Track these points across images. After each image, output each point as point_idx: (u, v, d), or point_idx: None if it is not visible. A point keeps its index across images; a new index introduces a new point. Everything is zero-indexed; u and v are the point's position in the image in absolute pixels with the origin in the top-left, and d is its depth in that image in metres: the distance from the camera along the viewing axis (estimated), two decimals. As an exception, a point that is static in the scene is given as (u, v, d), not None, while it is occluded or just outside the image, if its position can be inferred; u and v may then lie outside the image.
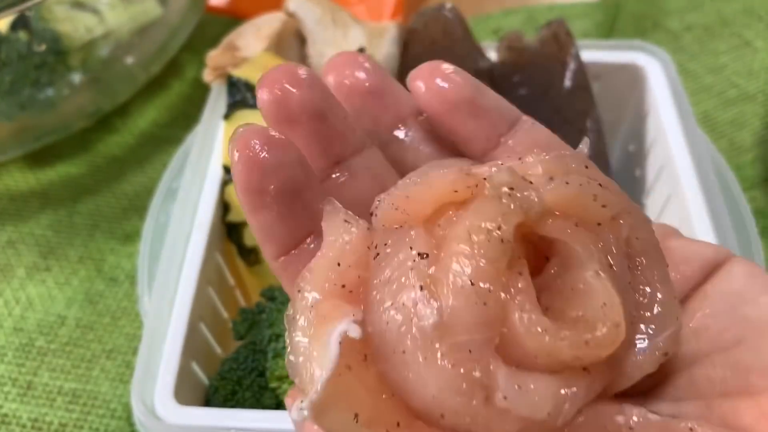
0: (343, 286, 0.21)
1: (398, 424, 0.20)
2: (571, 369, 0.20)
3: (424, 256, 0.20)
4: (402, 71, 0.50)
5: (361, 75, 0.25)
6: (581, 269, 0.20)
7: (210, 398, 0.37)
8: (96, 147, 0.62)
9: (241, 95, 0.44)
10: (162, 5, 0.62)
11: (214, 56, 0.48)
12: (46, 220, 0.57)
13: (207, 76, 0.48)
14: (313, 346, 0.20)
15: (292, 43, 0.51)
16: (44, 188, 0.59)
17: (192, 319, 0.37)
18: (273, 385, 0.35)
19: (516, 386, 0.19)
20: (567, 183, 0.21)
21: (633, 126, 0.51)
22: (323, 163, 0.24)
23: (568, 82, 0.47)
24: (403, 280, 0.20)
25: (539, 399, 0.19)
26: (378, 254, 0.21)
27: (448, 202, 0.21)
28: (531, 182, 0.21)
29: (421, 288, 0.20)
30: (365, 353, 0.20)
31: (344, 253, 0.21)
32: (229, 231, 0.44)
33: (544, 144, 0.25)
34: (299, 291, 0.21)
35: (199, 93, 0.61)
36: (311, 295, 0.21)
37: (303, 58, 0.51)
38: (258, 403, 0.36)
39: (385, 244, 0.21)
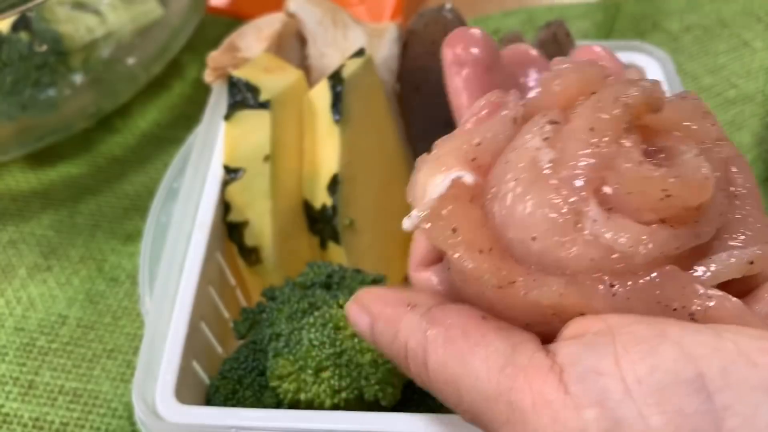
0: (474, 159, 0.25)
1: (490, 249, 0.23)
2: (661, 221, 0.22)
3: (554, 122, 0.24)
4: (402, 72, 0.50)
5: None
6: (683, 154, 0.23)
7: (211, 397, 0.37)
8: (97, 147, 0.62)
9: (241, 96, 0.44)
10: (163, 6, 0.62)
11: (214, 57, 0.48)
12: (48, 220, 0.57)
13: (208, 76, 0.48)
14: (432, 177, 0.25)
15: (293, 43, 0.51)
16: (45, 188, 0.59)
17: (193, 319, 0.38)
18: (273, 384, 0.35)
19: (605, 217, 0.22)
20: (684, 98, 0.25)
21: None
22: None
23: (567, 83, 0.48)
24: (531, 134, 0.24)
25: (624, 230, 0.22)
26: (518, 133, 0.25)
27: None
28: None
29: (545, 139, 0.24)
30: (472, 196, 0.24)
31: (487, 139, 0.25)
32: (230, 231, 0.44)
33: None
34: (434, 147, 0.26)
35: (200, 93, 0.61)
36: (441, 152, 0.26)
37: (303, 59, 0.51)
38: (259, 402, 0.37)
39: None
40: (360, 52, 0.46)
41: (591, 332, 0.21)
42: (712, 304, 0.21)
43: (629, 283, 0.22)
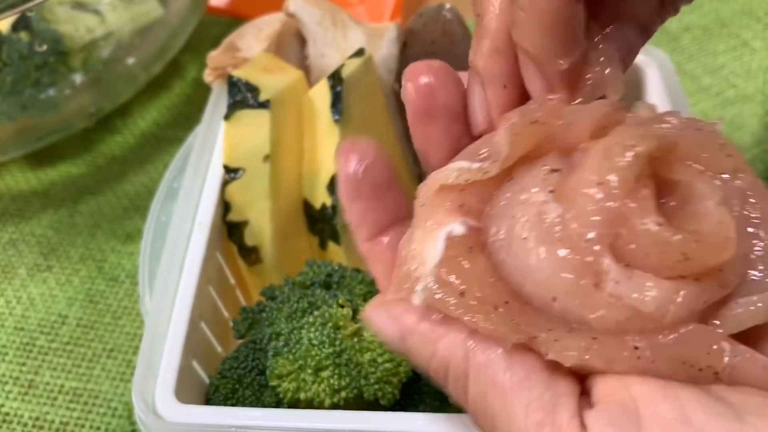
0: (462, 206, 0.24)
1: (506, 302, 0.22)
2: (682, 277, 0.21)
3: (557, 171, 0.23)
4: (401, 72, 0.50)
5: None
6: (703, 199, 0.22)
7: (211, 396, 0.38)
8: (97, 147, 0.62)
9: (241, 95, 0.44)
10: (163, 6, 0.62)
11: (214, 57, 0.48)
12: (47, 220, 0.57)
13: (207, 76, 0.49)
14: (423, 248, 0.23)
15: (293, 43, 0.51)
16: (45, 188, 0.59)
17: (193, 318, 0.38)
18: (273, 383, 0.35)
19: (626, 276, 0.21)
20: (698, 129, 0.23)
21: (631, 126, 0.51)
22: (448, 155, 0.26)
23: (566, 83, 0.48)
24: (534, 185, 0.23)
25: (649, 291, 0.21)
26: (512, 177, 0.24)
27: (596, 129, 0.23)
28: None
29: (550, 191, 0.22)
30: (470, 246, 0.23)
31: (471, 184, 0.24)
32: (229, 230, 0.44)
33: None
34: (421, 205, 0.24)
35: (200, 93, 0.61)
36: (423, 216, 0.24)
37: (303, 59, 0.51)
38: (258, 402, 0.37)
39: (521, 169, 0.24)
40: (359, 52, 0.46)
41: (618, 405, 0.21)
42: (738, 363, 0.21)
43: (654, 344, 0.21)
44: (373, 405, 0.35)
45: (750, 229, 0.22)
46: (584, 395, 0.22)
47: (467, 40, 0.50)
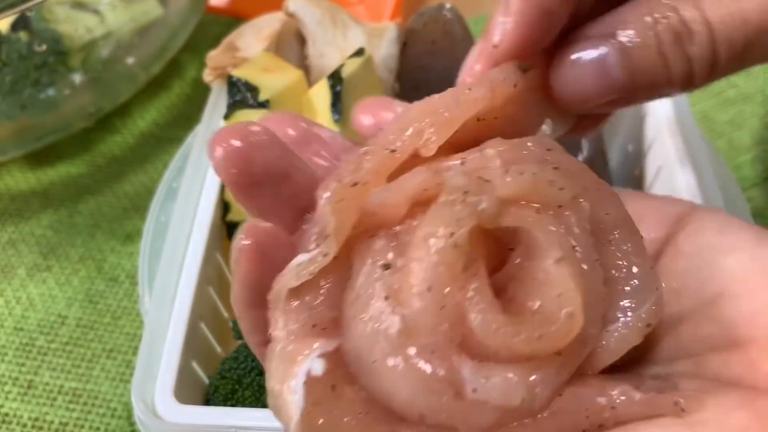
0: (314, 326, 0.22)
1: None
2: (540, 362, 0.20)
3: (387, 267, 0.21)
4: (401, 71, 0.50)
5: (288, 130, 0.25)
6: (542, 258, 0.21)
7: (210, 397, 0.37)
8: (97, 147, 0.62)
9: (241, 95, 0.44)
10: (162, 5, 0.62)
11: (214, 56, 0.48)
12: (47, 220, 0.57)
13: (207, 76, 0.49)
14: (284, 392, 0.21)
15: (292, 43, 0.51)
16: (45, 188, 0.59)
17: (192, 319, 0.38)
18: (273, 384, 0.35)
19: (483, 378, 0.20)
20: (521, 173, 0.22)
21: (632, 126, 0.51)
22: (291, 217, 0.23)
23: (567, 82, 0.48)
24: (369, 293, 0.21)
25: (510, 386, 0.20)
26: (351, 276, 0.22)
27: (417, 202, 0.22)
28: (487, 180, 0.21)
29: (386, 298, 0.21)
30: (333, 384, 0.21)
31: (315, 297, 0.22)
32: (229, 230, 0.44)
33: None
34: (272, 339, 0.22)
35: (200, 93, 0.61)
36: (280, 344, 0.22)
37: (303, 59, 0.51)
38: (258, 402, 0.37)
39: (355, 263, 0.22)
40: (359, 52, 0.46)
41: None
42: (617, 411, 0.20)
43: (534, 430, 0.20)
44: (373, 405, 0.35)
45: (609, 261, 0.22)
46: None
47: (467, 40, 0.50)
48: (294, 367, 0.21)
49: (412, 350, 0.20)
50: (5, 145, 0.57)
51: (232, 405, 0.37)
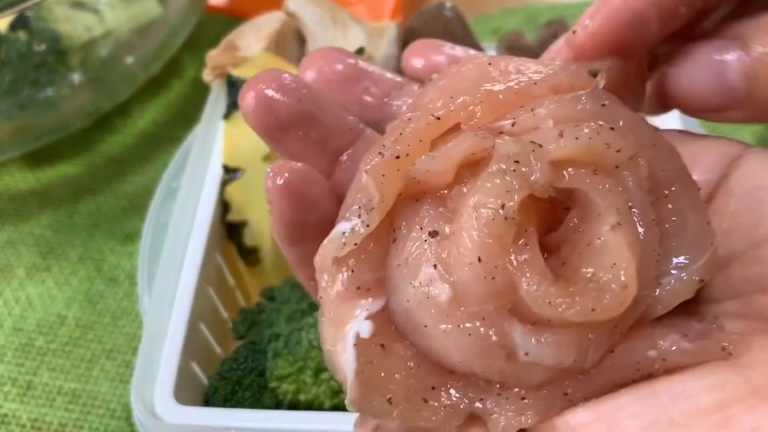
0: (359, 288, 0.22)
1: (433, 388, 0.21)
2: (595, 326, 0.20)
3: (434, 234, 0.21)
4: (402, 71, 0.50)
5: (337, 66, 0.25)
6: (598, 223, 0.21)
7: (210, 398, 0.37)
8: (96, 147, 0.62)
9: (240, 95, 0.44)
10: (162, 5, 0.62)
11: (213, 56, 0.48)
12: (46, 220, 0.57)
13: (207, 75, 0.48)
14: (337, 354, 0.22)
15: (292, 43, 0.51)
16: (44, 188, 0.59)
17: (192, 319, 0.37)
18: (272, 384, 0.35)
19: (534, 342, 0.20)
20: (576, 138, 0.21)
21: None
22: (324, 161, 0.24)
23: (568, 82, 0.47)
24: (417, 259, 0.21)
25: (561, 350, 0.20)
26: (395, 239, 0.22)
27: (465, 164, 0.21)
28: (540, 145, 0.21)
29: (434, 266, 0.21)
30: (382, 343, 0.22)
31: (358, 259, 0.22)
32: (229, 231, 0.44)
33: None
34: (320, 303, 0.22)
35: (199, 93, 0.61)
36: (327, 308, 0.22)
37: (303, 58, 0.51)
38: (258, 403, 0.36)
39: (401, 227, 0.22)
40: (359, 51, 0.46)
41: None
42: (667, 363, 0.21)
43: (583, 385, 0.21)
44: (374, 407, 0.35)
45: (665, 217, 0.22)
46: None
47: (468, 39, 0.49)
48: (343, 329, 0.22)
49: (463, 317, 0.21)
50: (4, 145, 0.57)
51: (232, 406, 0.36)
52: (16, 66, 0.56)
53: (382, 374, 0.21)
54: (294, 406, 0.35)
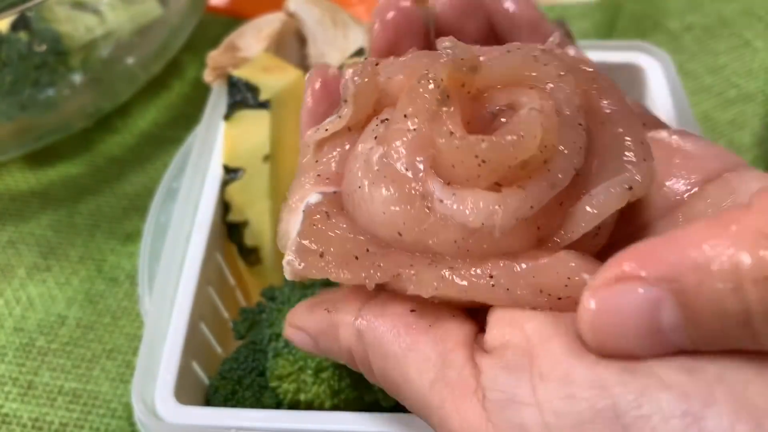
0: (319, 176, 0.26)
1: (367, 251, 0.23)
2: (504, 187, 0.22)
3: (384, 120, 0.24)
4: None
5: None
6: (519, 110, 0.23)
7: (210, 398, 0.37)
8: (96, 147, 0.62)
9: (241, 95, 0.44)
10: (162, 5, 0.62)
11: (214, 56, 0.48)
12: (47, 220, 0.57)
13: (207, 76, 0.48)
14: (288, 224, 0.25)
15: (293, 43, 0.51)
16: (45, 188, 0.59)
17: (192, 319, 0.38)
18: (273, 384, 0.35)
19: (449, 192, 0.22)
20: (509, 51, 0.24)
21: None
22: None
23: (567, 82, 0.47)
24: (365, 140, 0.25)
25: (473, 205, 0.21)
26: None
27: None
28: (479, 55, 0.24)
29: (375, 138, 0.24)
30: (326, 211, 0.24)
31: (331, 150, 0.26)
32: (229, 231, 0.44)
33: None
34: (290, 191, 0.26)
35: (200, 93, 0.61)
36: (293, 183, 0.26)
37: (303, 59, 0.51)
38: (258, 403, 0.36)
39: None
40: (360, 52, 0.46)
41: (511, 346, 0.21)
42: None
43: (508, 273, 0.21)
44: (374, 406, 0.35)
45: (593, 126, 0.23)
46: (481, 334, 0.22)
47: (468, 39, 0.49)
48: (297, 204, 0.25)
49: (388, 171, 0.23)
50: (5, 145, 0.57)
51: (232, 406, 0.37)
52: (17, 66, 0.56)
53: (321, 235, 0.24)
54: (294, 405, 0.35)
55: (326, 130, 0.26)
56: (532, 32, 0.30)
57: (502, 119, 0.23)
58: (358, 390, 0.34)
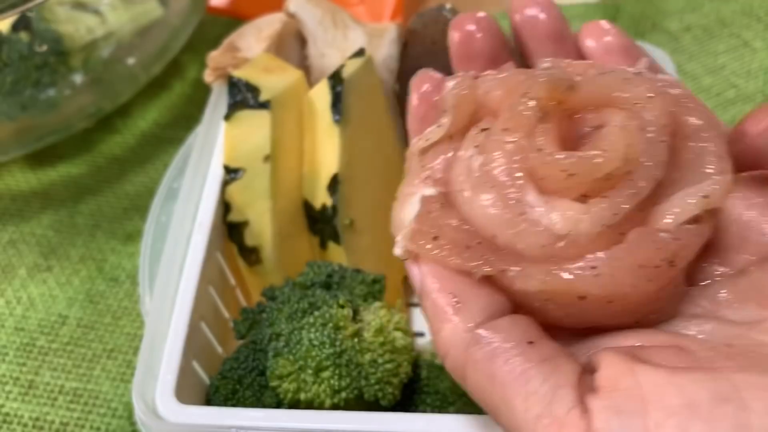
0: (427, 178, 0.28)
1: (479, 243, 0.25)
2: (585, 196, 0.24)
3: (485, 129, 0.27)
4: (401, 72, 0.50)
5: (542, 16, 0.34)
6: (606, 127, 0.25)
7: (211, 397, 0.38)
8: (97, 147, 0.62)
9: (241, 96, 0.44)
10: (163, 6, 0.62)
11: (214, 57, 0.48)
12: (48, 220, 0.57)
13: (208, 76, 0.49)
14: (403, 212, 0.27)
15: (293, 44, 0.51)
16: (45, 188, 0.59)
17: (193, 319, 0.38)
18: (273, 384, 0.35)
19: (545, 201, 0.24)
20: (602, 73, 0.26)
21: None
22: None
23: (567, 83, 0.48)
24: (466, 146, 0.27)
25: (562, 214, 0.24)
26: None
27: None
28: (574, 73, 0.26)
29: (476, 147, 0.26)
30: (442, 202, 0.26)
31: (434, 156, 0.28)
32: (230, 231, 0.44)
33: None
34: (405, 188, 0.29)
35: (200, 93, 0.61)
36: (406, 176, 0.29)
37: (303, 59, 0.51)
38: (259, 402, 0.37)
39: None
40: (360, 53, 0.46)
41: (622, 390, 0.21)
42: (686, 241, 0.23)
43: (609, 259, 0.23)
44: (374, 406, 0.35)
45: (678, 141, 0.25)
46: (587, 375, 0.22)
47: (468, 40, 0.50)
48: (411, 198, 0.27)
49: (487, 178, 0.25)
50: (6, 145, 0.57)
51: (233, 405, 0.37)
52: (18, 67, 0.56)
53: (437, 220, 0.26)
54: (294, 405, 0.35)
55: (428, 139, 0.28)
56: (624, 58, 0.31)
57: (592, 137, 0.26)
58: (358, 389, 0.34)
